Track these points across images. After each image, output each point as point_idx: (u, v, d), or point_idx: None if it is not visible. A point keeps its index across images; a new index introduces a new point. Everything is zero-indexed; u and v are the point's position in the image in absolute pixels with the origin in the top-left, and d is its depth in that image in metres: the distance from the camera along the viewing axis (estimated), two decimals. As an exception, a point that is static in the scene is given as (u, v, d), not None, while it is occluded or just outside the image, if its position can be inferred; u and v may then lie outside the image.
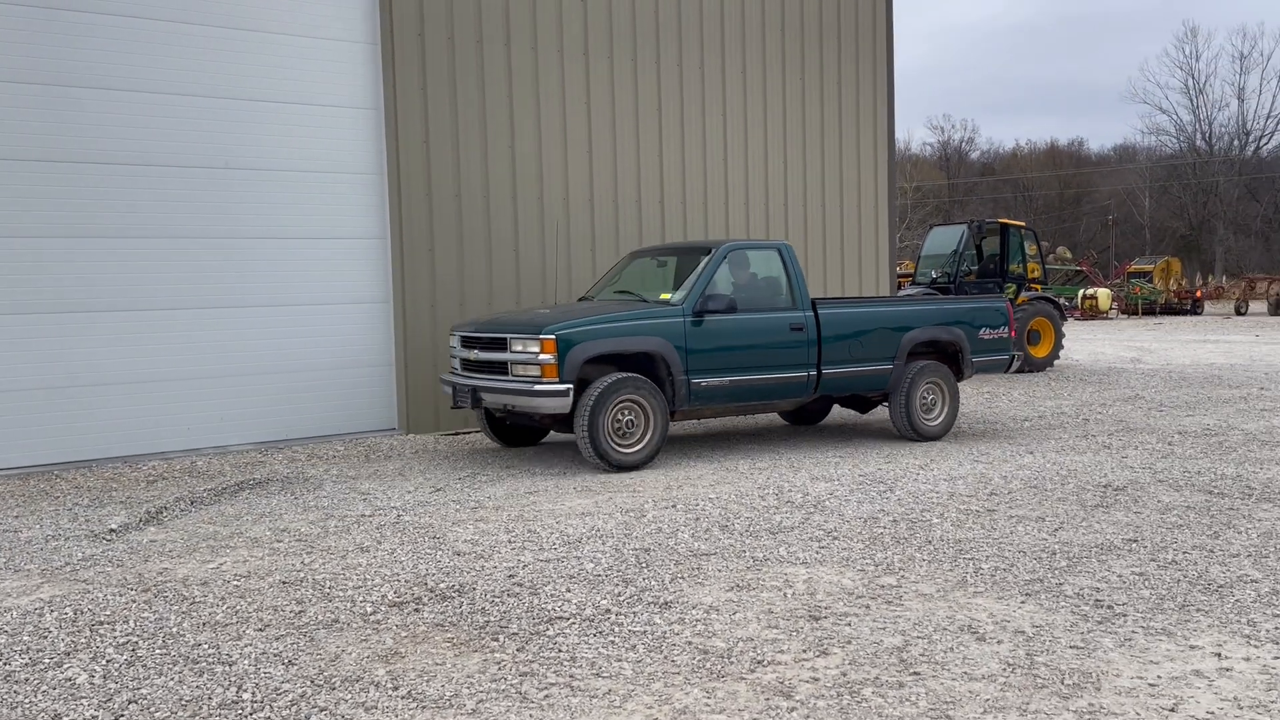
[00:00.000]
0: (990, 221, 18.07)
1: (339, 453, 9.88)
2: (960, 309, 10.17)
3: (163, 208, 9.74)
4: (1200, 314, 38.70)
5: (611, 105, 12.03)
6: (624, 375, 8.33)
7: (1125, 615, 4.84)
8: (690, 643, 4.62)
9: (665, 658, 4.45)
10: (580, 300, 10.07)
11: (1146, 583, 5.32)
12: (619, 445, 8.41)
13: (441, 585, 5.51)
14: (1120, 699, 3.93)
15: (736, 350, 8.84)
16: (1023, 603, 5.07)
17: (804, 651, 4.49)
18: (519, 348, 8.26)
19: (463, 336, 9.03)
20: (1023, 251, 18.07)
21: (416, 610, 5.13)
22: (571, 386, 8.10)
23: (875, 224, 14.42)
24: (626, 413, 8.39)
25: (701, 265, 8.95)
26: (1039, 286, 18.01)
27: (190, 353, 9.89)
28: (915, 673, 4.22)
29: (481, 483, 8.27)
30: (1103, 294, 36.58)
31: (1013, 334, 10.47)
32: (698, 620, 4.91)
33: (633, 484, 8.12)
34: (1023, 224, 18.43)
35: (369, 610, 5.12)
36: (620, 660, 4.43)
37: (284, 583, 5.62)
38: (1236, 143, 60.79)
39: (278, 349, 10.35)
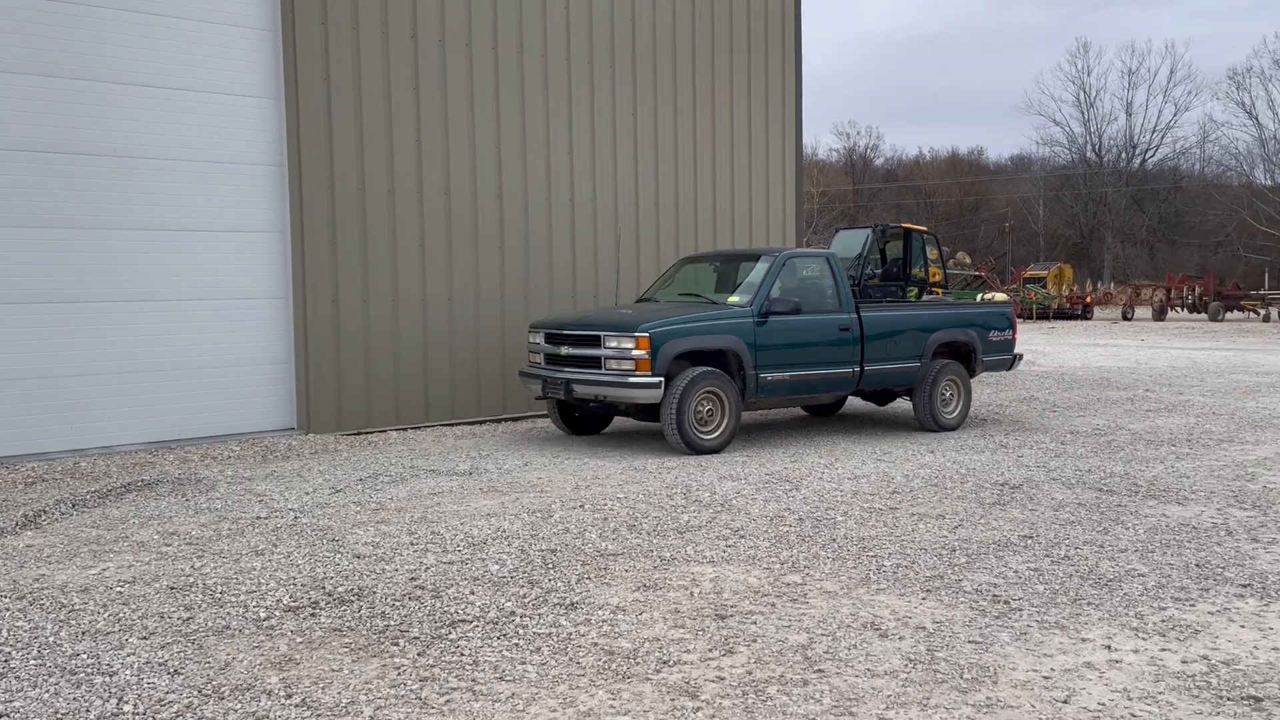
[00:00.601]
0: (894, 226, 18.39)
1: (234, 453, 9.54)
2: (974, 314, 11.27)
3: (46, 195, 9.26)
4: (1090, 319, 40.26)
5: (521, 102, 11.90)
6: (706, 369, 9.10)
7: (1021, 610, 4.95)
8: (596, 644, 4.56)
9: (570, 660, 4.38)
10: (639, 301, 10.79)
11: (1041, 578, 5.45)
12: (701, 432, 9.16)
13: (340, 589, 5.34)
14: (1016, 692, 4.01)
15: (795, 348, 9.68)
16: (924, 599, 5.14)
17: (710, 651, 4.47)
18: (613, 344, 9.02)
19: (547, 333, 9.72)
20: (925, 256, 18.46)
21: (313, 615, 4.96)
22: (663, 379, 8.89)
23: (783, 227, 14.59)
24: (706, 403, 9.19)
25: (764, 271, 9.72)
26: (940, 290, 18.43)
27: (73, 348, 9.43)
28: (820, 670, 4.24)
29: (384, 484, 8.07)
30: (999, 298, 37.76)
31: (1014, 336, 11.41)
32: (604, 621, 4.85)
33: (540, 484, 8.02)
34: (925, 229, 18.83)
35: (262, 616, 4.93)
36: (524, 663, 4.35)
37: (172, 588, 5.37)
38: (1124, 155, 63.49)
39: (170, 345, 9.94)
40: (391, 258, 11.03)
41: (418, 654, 4.45)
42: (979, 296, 38.23)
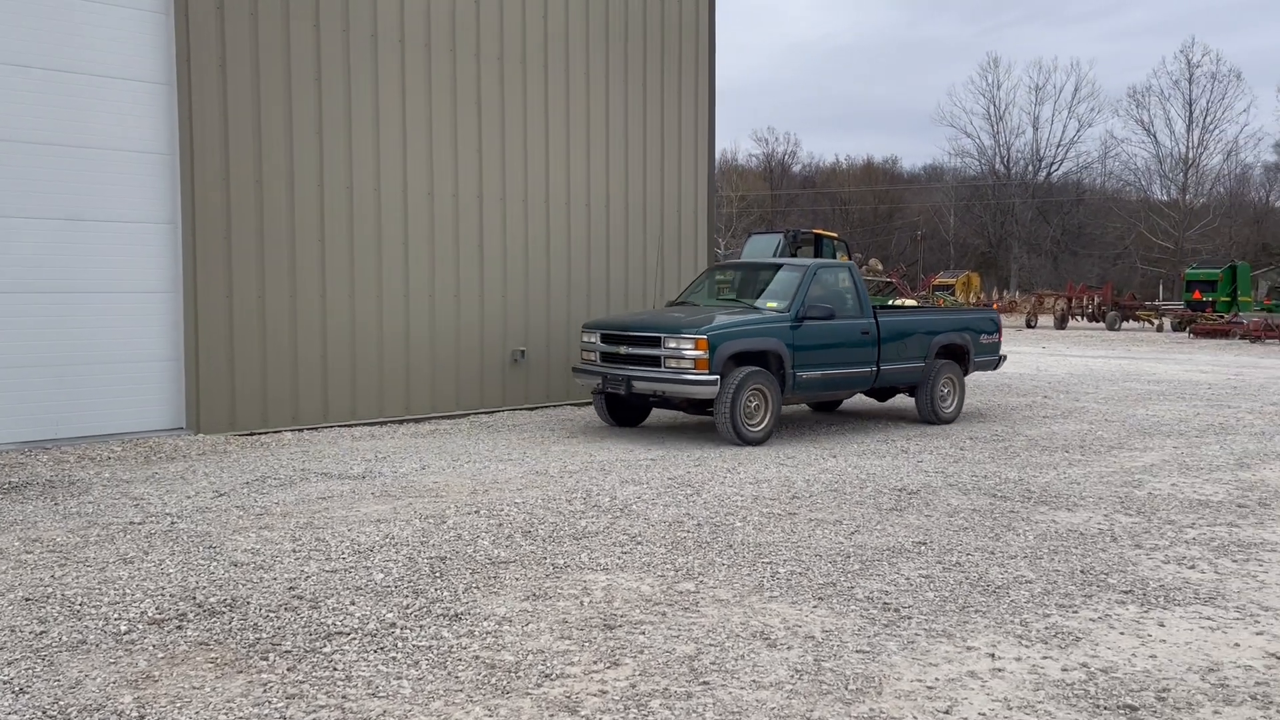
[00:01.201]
0: (805, 231, 18.62)
1: (115, 453, 9.09)
2: (968, 319, 12.46)
3: (-89, 179, 8.70)
4: (996, 326, 41.22)
5: (428, 98, 11.63)
6: (754, 369, 9.89)
7: (910, 618, 4.94)
8: (478, 657, 4.41)
9: (449, 674, 4.22)
10: (673, 304, 11.54)
11: (932, 585, 5.47)
12: (748, 424, 9.87)
13: (211, 599, 5.08)
14: (899, 703, 3.98)
15: (826, 349, 10.57)
16: (815, 607, 5.11)
17: (595, 663, 4.35)
18: (673, 345, 9.78)
19: (604, 333, 10.50)
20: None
21: (179, 628, 4.70)
22: (719, 377, 9.63)
23: (695, 230, 14.57)
24: (754, 399, 9.95)
25: (799, 279, 10.64)
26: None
27: (-58, 342, 8.88)
28: (705, 682, 4.16)
29: (272, 487, 7.76)
30: (909, 305, 38.49)
31: (1000, 339, 12.60)
32: (488, 633, 4.70)
33: (437, 488, 7.81)
34: (835, 235, 19.10)
35: (123, 629, 4.65)
36: (400, 678, 4.17)
37: (27, 599, 5.04)
38: (1031, 168, 65.40)
39: (51, 339, 9.44)
40: (290, 253, 10.66)
41: (288, 669, 4.24)
42: (890, 302, 38.98)
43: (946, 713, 3.88)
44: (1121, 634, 4.75)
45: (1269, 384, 16.38)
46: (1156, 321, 37.60)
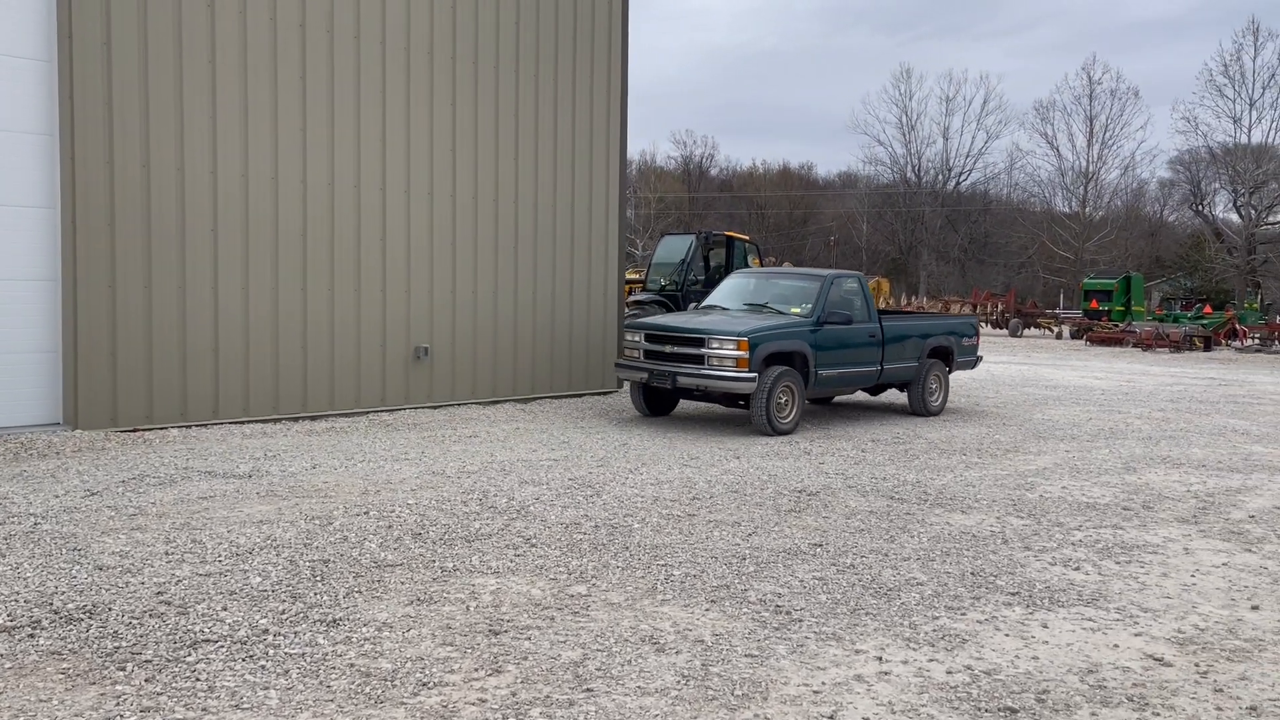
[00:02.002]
0: (716, 234, 18.67)
1: (-16, 450, 8.57)
2: (953, 324, 13.84)
3: None
4: (904, 331, 42.05)
5: (330, 85, 11.27)
6: (785, 367, 10.95)
7: (801, 621, 4.90)
8: (353, 665, 4.21)
9: (320, 683, 4.02)
10: (701, 308, 12.70)
11: (825, 587, 5.45)
12: (779, 417, 10.93)
13: (70, 606, 4.77)
14: (784, 708, 3.92)
15: (841, 349, 11.71)
16: (707, 610, 5.03)
17: (475, 670, 4.20)
18: (716, 345, 10.81)
19: (648, 333, 11.46)
20: (746, 263, 18.80)
21: (31, 636, 4.40)
22: (757, 374, 10.65)
23: (605, 231, 14.44)
24: (784, 395, 11.01)
25: (819, 288, 11.81)
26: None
27: None
28: (589, 689, 4.04)
29: (149, 486, 7.39)
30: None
31: (978, 341, 14.05)
32: (366, 639, 4.50)
33: (326, 488, 7.54)
34: (747, 237, 19.20)
35: (-33, 639, 4.33)
36: (268, 688, 3.95)
37: None
38: (941, 177, 66.94)
39: (-88, 329, 8.87)
40: (179, 242, 10.21)
41: (145, 680, 3.99)
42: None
43: (830, 718, 3.84)
44: (1006, 636, 4.78)
45: (1158, 390, 16.98)
46: (1056, 329, 38.80)
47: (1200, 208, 57.55)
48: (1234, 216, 52.05)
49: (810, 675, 4.24)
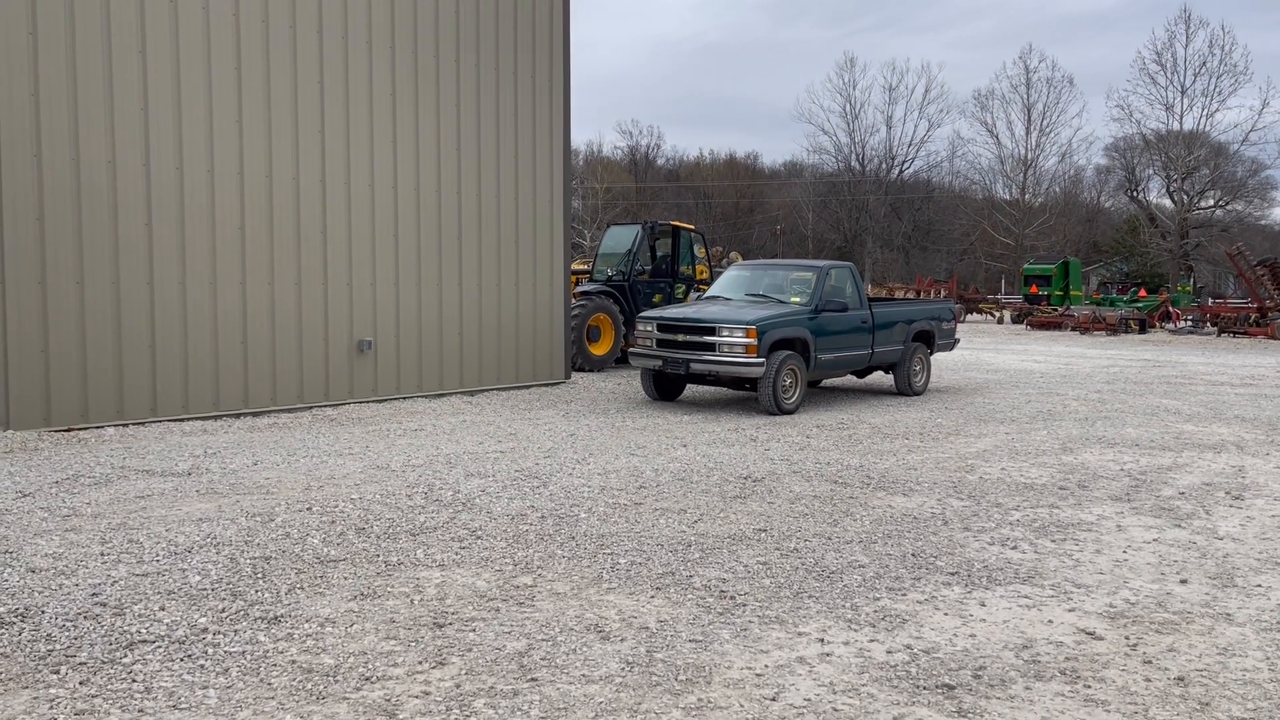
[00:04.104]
0: (662, 224, 18.67)
1: (-90, 453, 8.32)
2: (933, 309, 14.58)
3: None
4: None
5: (266, 76, 11.08)
6: (789, 353, 11.73)
7: (745, 605, 4.95)
8: (295, 661, 4.17)
9: (261, 681, 3.98)
10: (705, 299, 13.37)
11: (769, 571, 5.50)
12: (784, 398, 11.73)
13: (0, 609, 4.66)
14: (728, 691, 3.96)
15: (837, 335, 12.54)
16: (652, 597, 5.06)
17: (419, 663, 4.18)
18: (727, 333, 11.54)
19: (660, 324, 12.14)
20: (692, 253, 18.85)
21: (-40, 642, 4.28)
22: (765, 360, 11.42)
23: (550, 221, 14.39)
24: (788, 378, 11.81)
25: (816, 278, 12.66)
26: (706, 288, 18.83)
27: None
28: (533, 679, 4.04)
29: (84, 486, 7.24)
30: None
31: (956, 325, 14.89)
32: (308, 635, 4.46)
33: (268, 485, 7.44)
34: (693, 227, 19.22)
35: (-108, 646, 4.21)
36: (207, 687, 3.90)
37: None
38: (884, 165, 67.66)
39: None
40: (112, 236, 9.98)
41: (80, 682, 3.92)
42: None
43: (773, 699, 3.89)
44: (945, 615, 4.87)
45: (1095, 372, 17.37)
46: (997, 314, 39.50)
47: (1135, 193, 58.92)
48: (1167, 202, 53.37)
49: (753, 658, 4.29)
